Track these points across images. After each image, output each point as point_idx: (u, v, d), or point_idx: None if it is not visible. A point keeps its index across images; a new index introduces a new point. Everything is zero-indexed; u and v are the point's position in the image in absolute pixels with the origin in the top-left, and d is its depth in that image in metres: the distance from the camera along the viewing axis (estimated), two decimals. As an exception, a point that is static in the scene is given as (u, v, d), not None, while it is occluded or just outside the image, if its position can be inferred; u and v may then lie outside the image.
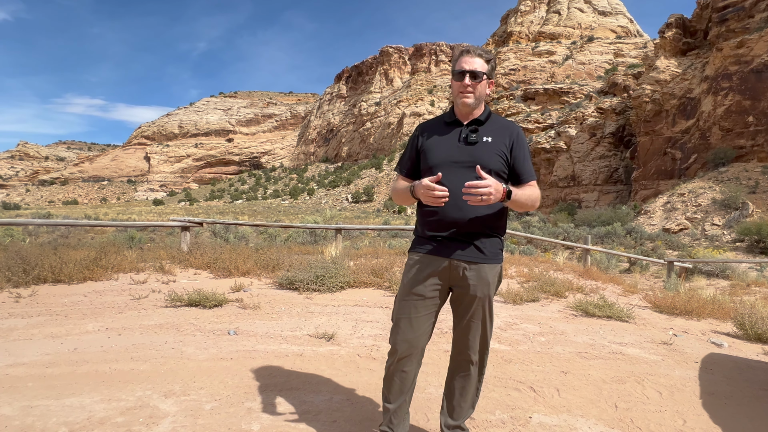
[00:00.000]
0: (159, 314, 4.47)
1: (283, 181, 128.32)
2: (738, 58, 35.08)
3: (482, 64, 1.98)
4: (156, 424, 2.33)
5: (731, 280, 13.36)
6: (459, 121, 2.06)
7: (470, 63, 1.97)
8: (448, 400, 2.19)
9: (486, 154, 1.98)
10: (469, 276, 1.98)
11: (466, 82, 1.96)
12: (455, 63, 2.02)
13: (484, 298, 2.00)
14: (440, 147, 2.02)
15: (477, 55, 1.98)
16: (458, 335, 2.10)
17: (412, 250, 2.10)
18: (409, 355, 2.05)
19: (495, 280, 2.04)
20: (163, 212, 68.31)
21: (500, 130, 2.04)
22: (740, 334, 4.93)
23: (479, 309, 2.02)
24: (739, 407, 2.95)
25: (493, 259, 2.02)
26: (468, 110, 2.02)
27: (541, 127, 56.40)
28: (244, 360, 3.33)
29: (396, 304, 2.10)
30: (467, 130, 2.02)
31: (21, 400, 2.53)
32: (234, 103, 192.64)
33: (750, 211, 24.69)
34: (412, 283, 2.03)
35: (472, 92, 1.98)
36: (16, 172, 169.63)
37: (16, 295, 4.90)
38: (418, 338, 2.04)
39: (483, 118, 2.04)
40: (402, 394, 2.10)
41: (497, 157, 1.99)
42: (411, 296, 2.03)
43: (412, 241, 2.15)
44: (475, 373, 2.13)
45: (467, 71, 1.96)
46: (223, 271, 6.73)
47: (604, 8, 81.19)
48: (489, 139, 2.00)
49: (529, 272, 8.04)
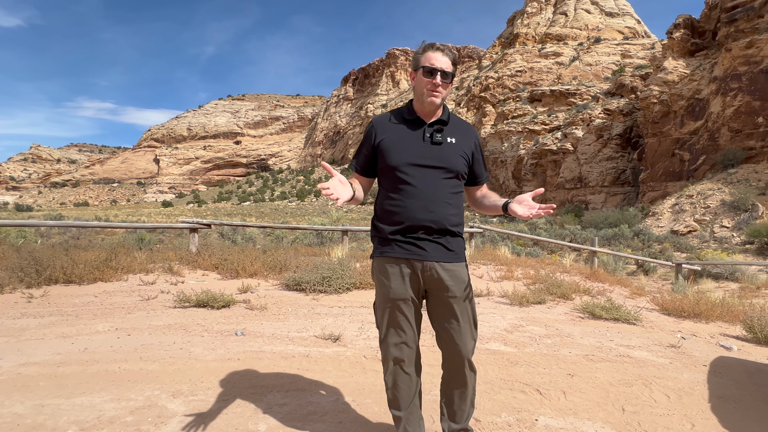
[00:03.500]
0: (168, 315, 4.52)
1: (290, 183, 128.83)
2: (747, 59, 34.70)
3: (449, 65, 1.90)
4: (164, 423, 2.36)
5: (741, 283, 13.19)
6: (421, 119, 1.97)
7: (442, 62, 1.88)
8: (449, 406, 2.11)
9: (452, 155, 1.94)
10: (444, 277, 1.93)
11: (438, 81, 1.88)
12: (422, 57, 1.91)
13: (462, 296, 1.96)
14: (403, 146, 1.93)
15: (447, 54, 1.90)
16: (447, 340, 2.00)
17: (382, 254, 1.98)
18: (407, 357, 2.00)
19: (468, 278, 2.01)
20: (171, 214, 68.81)
21: (463, 132, 2.01)
22: (750, 337, 4.88)
23: (462, 309, 1.96)
24: (749, 411, 2.93)
25: (462, 257, 1.99)
26: (433, 109, 1.95)
27: (548, 129, 56.16)
28: (252, 361, 3.35)
29: (380, 312, 2.02)
30: (431, 129, 1.95)
31: (33, 398, 2.57)
32: (242, 106, 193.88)
33: (760, 212, 24.39)
34: (393, 289, 1.95)
35: (441, 92, 1.91)
36: (29, 174, 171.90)
37: (29, 296, 4.97)
38: (411, 340, 2.00)
39: (446, 119, 1.98)
40: (411, 398, 2.05)
41: (461, 159, 1.96)
42: (395, 302, 1.95)
43: (376, 245, 2.02)
44: (471, 375, 2.05)
45: (439, 70, 1.87)
46: (231, 273, 6.78)
47: (611, 9, 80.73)
48: (453, 140, 1.96)
49: (536, 274, 8.01)
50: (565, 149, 51.45)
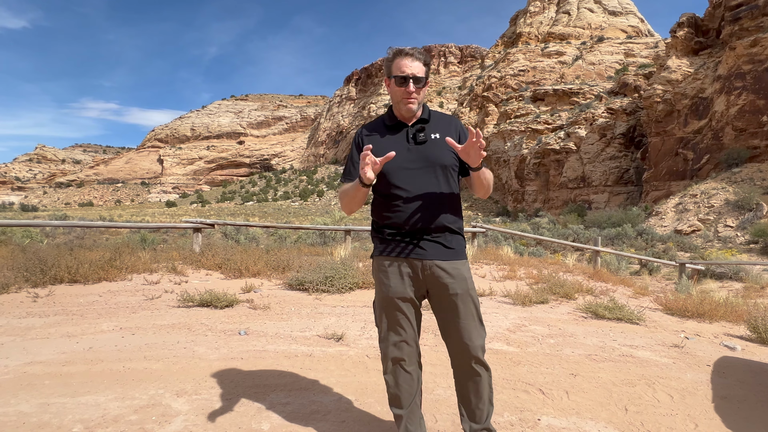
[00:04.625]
0: (171, 314, 4.54)
1: (293, 183, 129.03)
2: (752, 57, 34.50)
3: (421, 68, 1.91)
4: (168, 422, 2.38)
5: (745, 283, 13.13)
6: (402, 123, 2.01)
7: (412, 67, 1.89)
8: (466, 406, 2.07)
9: (438, 150, 1.95)
10: (444, 275, 1.94)
11: (411, 88, 1.89)
12: (392, 65, 1.92)
13: (464, 294, 1.95)
14: (389, 151, 1.91)
15: (417, 58, 1.90)
16: (453, 339, 2.00)
17: (382, 254, 2.01)
18: (407, 355, 2.01)
19: (470, 275, 2.01)
20: (175, 214, 69.01)
21: (445, 125, 2.02)
22: (754, 337, 4.86)
23: (465, 306, 1.96)
24: (753, 411, 2.92)
25: (462, 255, 2.00)
26: (411, 115, 1.98)
27: (551, 128, 56.02)
28: (255, 360, 3.37)
29: (379, 311, 2.05)
30: (413, 129, 1.97)
31: (38, 397, 2.59)
32: (245, 106, 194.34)
33: (764, 212, 24.24)
34: (393, 288, 1.97)
35: (416, 98, 1.93)
36: (34, 174, 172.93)
37: (34, 295, 5.01)
38: (411, 339, 2.01)
39: (426, 117, 2.01)
40: (411, 396, 2.05)
41: (449, 152, 1.96)
42: (394, 301, 1.97)
43: (376, 245, 2.06)
44: (484, 372, 2.04)
45: (410, 76, 1.88)
46: (234, 272, 6.81)
47: (614, 8, 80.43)
48: (437, 136, 1.97)
49: (539, 274, 8.00)
50: (568, 148, 51.30)
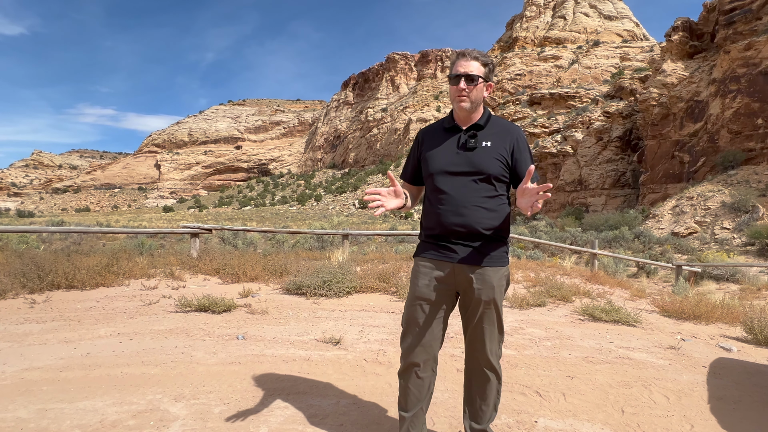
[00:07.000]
0: (169, 319, 4.54)
1: (290, 188, 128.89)
2: (746, 61, 34.77)
3: (478, 67, 1.96)
4: (166, 427, 2.38)
5: (741, 284, 13.18)
6: (458, 126, 2.05)
7: (465, 66, 1.95)
8: (470, 405, 2.16)
9: (485, 159, 1.96)
10: (474, 280, 1.98)
11: (462, 86, 1.94)
12: (451, 67, 2.00)
13: (489, 301, 1.99)
14: (439, 154, 2.03)
15: (473, 58, 1.96)
16: (470, 341, 2.10)
17: (418, 255, 2.12)
18: (422, 361, 2.04)
19: (501, 283, 2.02)
20: (173, 219, 68.88)
21: (500, 134, 2.02)
22: (750, 338, 4.89)
23: (487, 312, 2.01)
24: (749, 412, 2.94)
25: (497, 262, 2.00)
26: (465, 114, 2.01)
27: (548, 132, 56.22)
28: (253, 364, 3.37)
29: (405, 310, 2.11)
30: (465, 135, 2.00)
31: (36, 403, 2.59)
32: (242, 111, 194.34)
33: (761, 214, 24.37)
34: (419, 288, 2.04)
35: (467, 96, 1.96)
36: (31, 180, 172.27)
37: (31, 301, 4.99)
38: (429, 343, 2.04)
39: (482, 123, 2.03)
40: (419, 402, 2.08)
41: (496, 161, 1.97)
42: (418, 301, 2.04)
43: (417, 246, 2.16)
44: (493, 377, 2.11)
45: (462, 74, 1.94)
46: (232, 277, 6.80)
47: (609, 12, 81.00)
48: (488, 144, 1.99)
49: (536, 277, 8.02)
50: (565, 152, 51.49)
